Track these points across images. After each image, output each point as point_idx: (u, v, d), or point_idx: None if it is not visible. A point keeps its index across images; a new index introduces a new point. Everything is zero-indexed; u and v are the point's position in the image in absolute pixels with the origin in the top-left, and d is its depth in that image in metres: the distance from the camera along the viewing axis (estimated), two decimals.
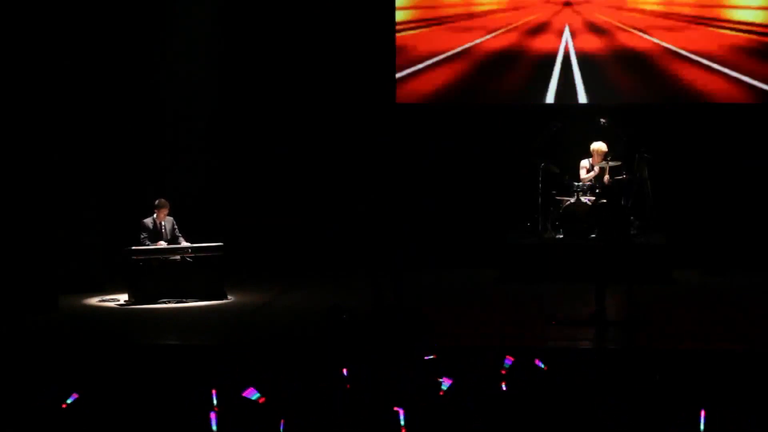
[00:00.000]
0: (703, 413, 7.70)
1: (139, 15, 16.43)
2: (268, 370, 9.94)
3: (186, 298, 13.84)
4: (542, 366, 9.30)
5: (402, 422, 7.92)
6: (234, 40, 17.12)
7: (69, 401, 8.72)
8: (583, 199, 15.23)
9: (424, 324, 11.70)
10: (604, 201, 12.56)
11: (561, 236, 15.40)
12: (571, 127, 16.16)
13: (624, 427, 8.37)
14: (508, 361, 9.09)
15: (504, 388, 8.93)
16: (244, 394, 8.44)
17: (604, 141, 15.62)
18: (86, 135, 16.21)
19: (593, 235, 13.47)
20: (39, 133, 14.49)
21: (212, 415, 8.11)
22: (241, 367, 10.15)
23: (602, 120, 15.70)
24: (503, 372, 9.03)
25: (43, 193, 14.13)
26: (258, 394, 8.40)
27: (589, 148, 15.67)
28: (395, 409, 7.94)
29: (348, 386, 8.98)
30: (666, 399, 8.95)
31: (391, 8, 17.14)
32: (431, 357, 9.78)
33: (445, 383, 8.77)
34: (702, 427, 7.69)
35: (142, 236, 14.03)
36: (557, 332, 11.72)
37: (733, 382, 9.49)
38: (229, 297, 14.05)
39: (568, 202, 15.37)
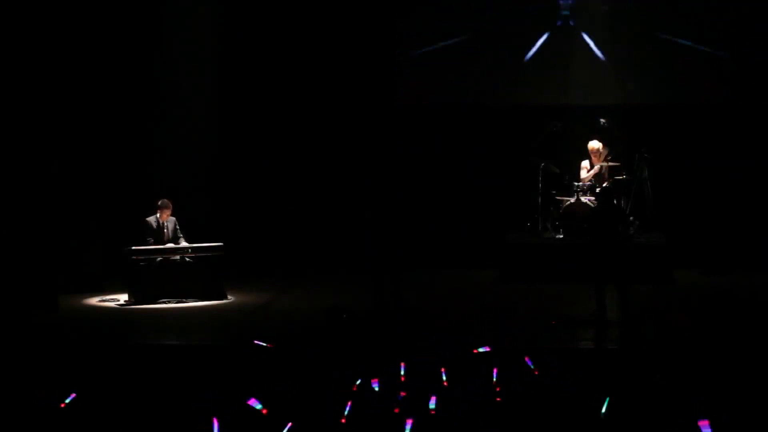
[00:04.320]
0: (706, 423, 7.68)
1: (139, 16, 16.42)
2: (268, 371, 9.96)
3: (186, 298, 13.84)
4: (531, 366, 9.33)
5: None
6: (234, 41, 17.11)
7: (68, 401, 8.73)
8: (583, 199, 15.22)
9: (424, 324, 11.70)
10: (602, 204, 12.54)
11: (561, 236, 15.40)
12: (571, 127, 16.16)
13: (624, 427, 8.37)
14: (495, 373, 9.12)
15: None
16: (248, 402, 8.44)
17: (603, 141, 15.62)
18: (86, 136, 16.25)
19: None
20: (39, 134, 14.51)
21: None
22: (241, 367, 10.16)
23: (602, 120, 15.70)
24: (496, 386, 9.05)
25: (43, 193, 14.14)
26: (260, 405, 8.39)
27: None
28: (406, 420, 7.95)
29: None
30: (666, 399, 8.95)
31: (392, 7, 17.15)
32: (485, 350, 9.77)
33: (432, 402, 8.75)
34: None
35: (147, 238, 13.98)
36: (557, 332, 11.72)
37: (733, 382, 9.50)
38: (229, 297, 14.05)
39: (568, 202, 15.37)
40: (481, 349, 9.84)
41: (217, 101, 17.00)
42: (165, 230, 14.10)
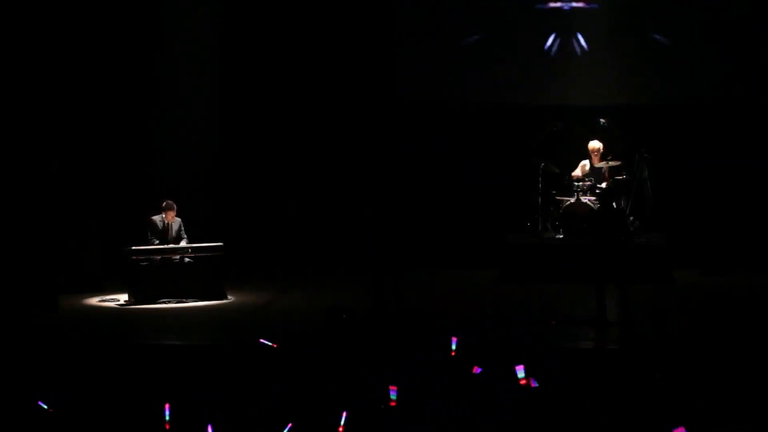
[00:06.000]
0: None
1: (139, 16, 16.42)
2: (268, 371, 9.97)
3: (186, 298, 13.84)
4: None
5: None
6: (234, 41, 17.10)
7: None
8: (583, 199, 15.23)
9: (424, 324, 11.69)
10: (602, 204, 12.54)
11: (561, 236, 15.40)
12: (571, 127, 16.16)
13: (624, 427, 8.38)
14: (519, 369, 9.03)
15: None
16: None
17: (603, 141, 15.61)
18: (86, 136, 16.25)
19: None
20: (39, 134, 14.51)
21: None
22: (241, 367, 10.17)
23: (602, 120, 15.70)
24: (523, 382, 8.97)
25: (43, 193, 14.15)
26: None
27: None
28: None
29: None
30: (666, 399, 8.96)
31: (392, 7, 17.15)
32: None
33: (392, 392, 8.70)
34: None
35: (149, 236, 14.01)
36: (557, 332, 11.72)
37: (733, 381, 9.51)
38: (229, 297, 14.05)
39: (568, 202, 15.37)
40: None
41: (217, 101, 17.00)
42: (169, 230, 14.11)
